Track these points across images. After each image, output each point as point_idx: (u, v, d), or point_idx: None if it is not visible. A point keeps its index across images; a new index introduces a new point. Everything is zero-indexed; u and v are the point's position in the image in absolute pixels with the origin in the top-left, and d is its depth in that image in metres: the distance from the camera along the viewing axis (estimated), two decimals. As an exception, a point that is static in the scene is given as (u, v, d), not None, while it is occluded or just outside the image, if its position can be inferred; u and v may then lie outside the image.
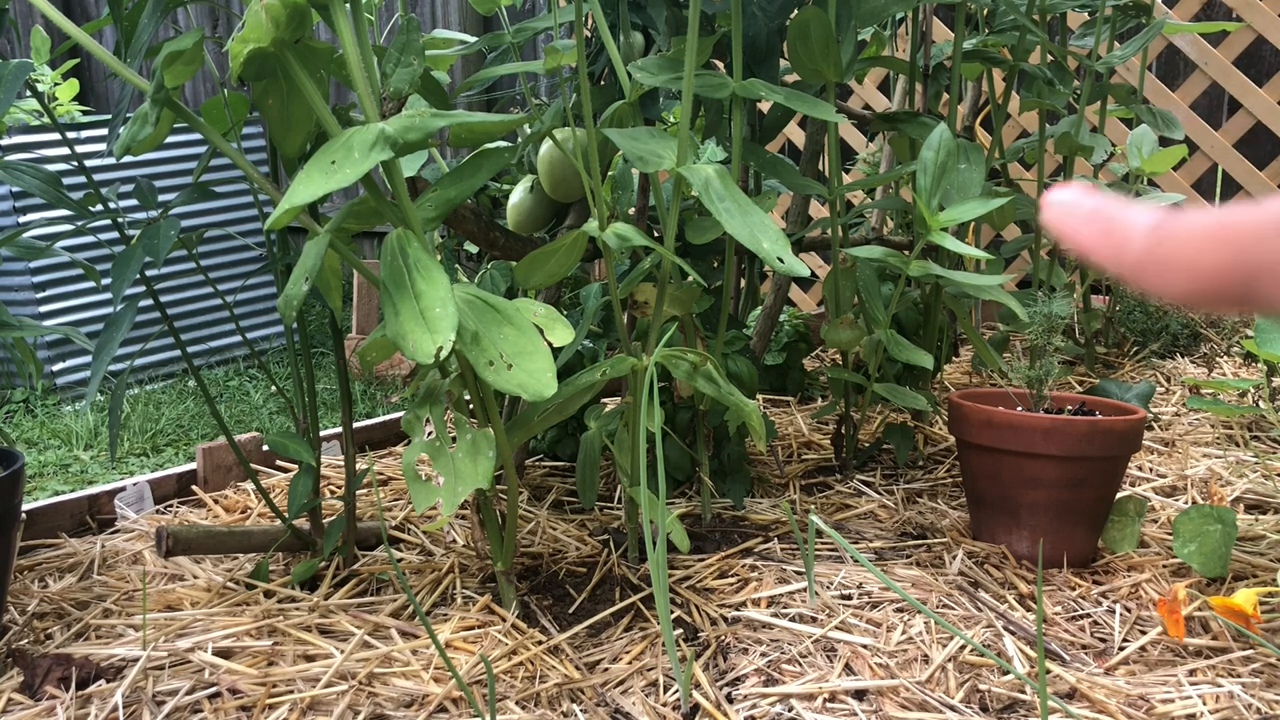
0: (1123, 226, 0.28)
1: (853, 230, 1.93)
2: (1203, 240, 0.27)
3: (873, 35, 1.96)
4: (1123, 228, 0.28)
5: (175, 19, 2.59)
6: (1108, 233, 0.29)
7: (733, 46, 1.20)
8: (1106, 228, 0.29)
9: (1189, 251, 0.27)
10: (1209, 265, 0.26)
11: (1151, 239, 0.28)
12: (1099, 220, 0.29)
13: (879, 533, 1.43)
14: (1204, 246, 0.26)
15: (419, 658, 1.09)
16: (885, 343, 1.47)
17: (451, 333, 0.90)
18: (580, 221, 1.45)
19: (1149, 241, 0.28)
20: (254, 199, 1.34)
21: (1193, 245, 0.27)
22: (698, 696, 1.02)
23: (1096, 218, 0.29)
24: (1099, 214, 0.29)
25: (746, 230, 1.05)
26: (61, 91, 3.03)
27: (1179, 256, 0.27)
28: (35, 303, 2.97)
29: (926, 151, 1.36)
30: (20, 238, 1.20)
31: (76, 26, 1.08)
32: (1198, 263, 0.26)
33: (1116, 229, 0.29)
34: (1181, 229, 0.27)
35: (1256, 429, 1.84)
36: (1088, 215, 0.29)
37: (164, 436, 2.55)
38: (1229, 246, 0.26)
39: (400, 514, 1.52)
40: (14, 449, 1.16)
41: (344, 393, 1.28)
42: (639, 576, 1.29)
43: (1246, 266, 0.25)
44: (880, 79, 3.05)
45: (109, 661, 1.10)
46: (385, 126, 0.91)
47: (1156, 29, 1.86)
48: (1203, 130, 2.67)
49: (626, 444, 1.23)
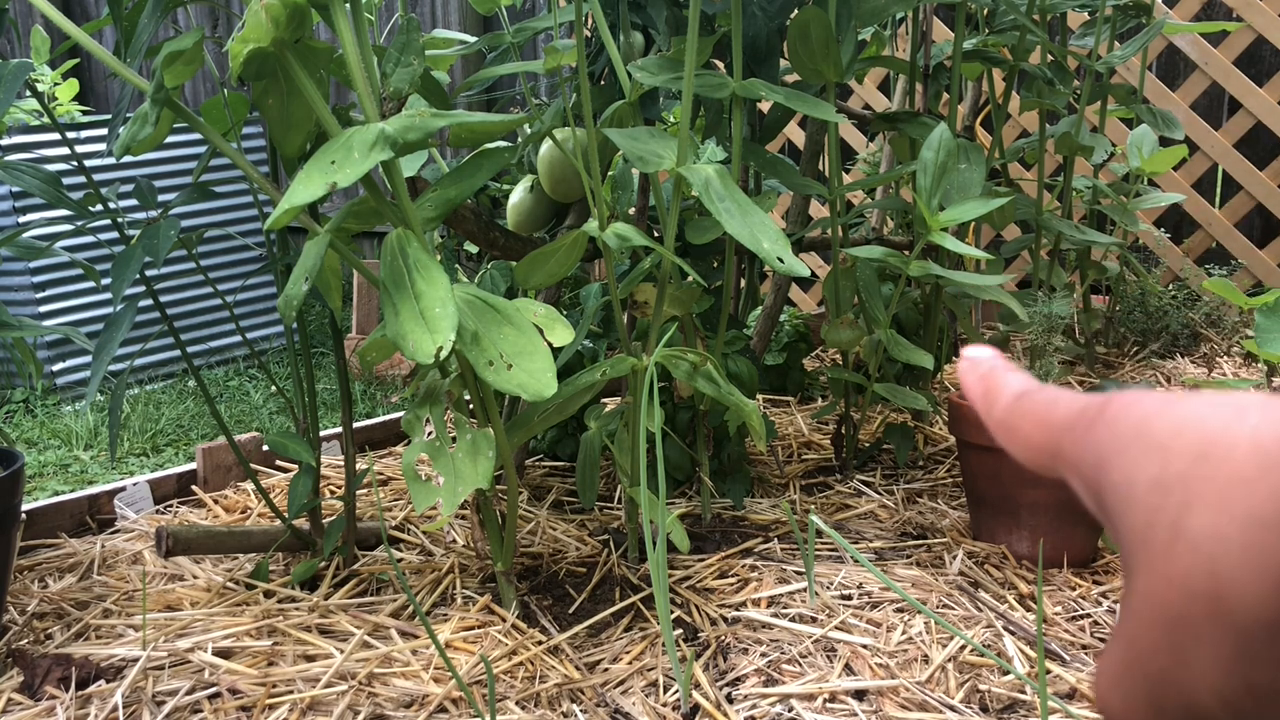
0: (996, 389, 0.33)
1: (853, 230, 1.93)
2: (1035, 418, 0.31)
3: (873, 35, 1.96)
4: (996, 390, 0.33)
5: (175, 19, 2.59)
6: (986, 392, 0.33)
7: (733, 46, 1.20)
8: (987, 387, 0.33)
9: (1026, 424, 0.31)
10: (1036, 440, 0.31)
11: (1010, 406, 0.32)
12: (985, 380, 0.34)
13: (879, 533, 1.43)
14: (1035, 423, 0.31)
15: (419, 658, 1.09)
16: (885, 343, 1.47)
17: (451, 333, 0.90)
18: (580, 221, 1.45)
19: (1007, 406, 0.32)
20: (254, 199, 1.34)
21: (1029, 420, 0.31)
22: (698, 696, 1.02)
23: (985, 378, 0.34)
24: (988, 375, 0.34)
25: (746, 230, 1.05)
26: (61, 91, 3.03)
27: (1020, 428, 0.31)
28: (35, 303, 2.97)
29: (926, 151, 1.36)
30: (20, 238, 1.20)
31: (76, 26, 1.08)
32: (1030, 435, 0.31)
33: (992, 390, 0.33)
34: (1028, 404, 0.31)
35: (1256, 429, 1.84)
36: (981, 374, 0.34)
37: (164, 436, 2.55)
38: (1048, 428, 0.30)
39: (400, 514, 1.52)
40: (14, 449, 1.16)
41: (344, 393, 1.28)
42: (639, 576, 1.29)
43: (1053, 446, 0.30)
44: (880, 79, 3.05)
45: (109, 661, 1.10)
46: (385, 126, 0.91)
47: (1156, 29, 1.86)
48: (1203, 130, 2.67)
49: (626, 444, 1.23)
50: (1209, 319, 2.36)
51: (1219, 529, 0.24)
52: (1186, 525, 0.24)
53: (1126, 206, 2.12)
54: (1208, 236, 2.70)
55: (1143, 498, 0.26)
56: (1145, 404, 0.27)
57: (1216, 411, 0.25)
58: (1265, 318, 1.49)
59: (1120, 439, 0.27)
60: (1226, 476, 0.24)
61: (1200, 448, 0.25)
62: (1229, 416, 0.25)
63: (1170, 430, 0.26)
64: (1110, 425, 0.28)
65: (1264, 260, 2.64)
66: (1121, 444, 0.27)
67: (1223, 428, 0.25)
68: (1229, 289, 1.70)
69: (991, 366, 0.34)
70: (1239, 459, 0.24)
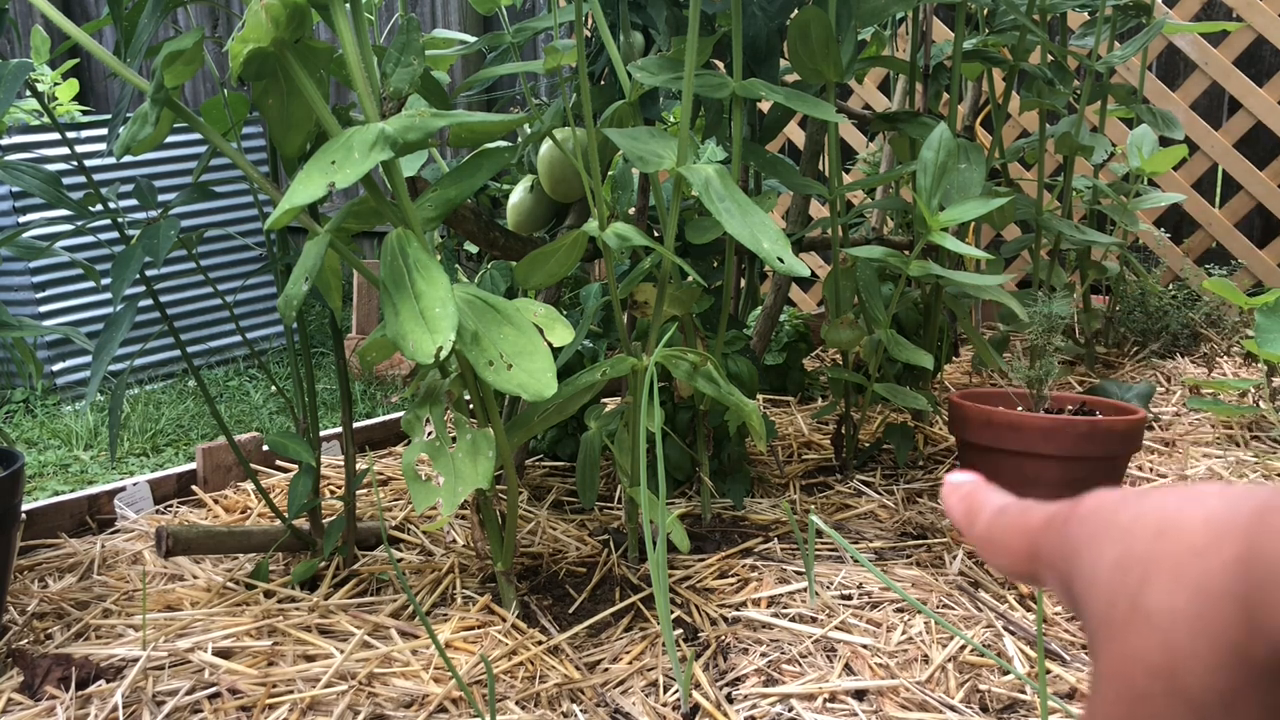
0: (978, 508, 0.34)
1: (853, 230, 1.93)
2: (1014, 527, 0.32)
3: (873, 35, 1.96)
4: (977, 508, 0.34)
5: (175, 19, 2.59)
6: (968, 511, 0.35)
7: (733, 46, 1.20)
8: (969, 506, 0.35)
9: (1006, 535, 0.32)
10: (1016, 547, 0.32)
11: (991, 521, 0.33)
12: (967, 500, 0.35)
13: (879, 533, 1.43)
14: (1014, 532, 0.32)
15: (419, 658, 1.09)
16: (885, 343, 1.47)
17: (451, 333, 0.90)
18: (580, 221, 1.45)
19: (989, 521, 0.33)
20: (254, 199, 1.34)
21: (1009, 530, 0.32)
22: (698, 696, 1.02)
23: (966, 497, 0.35)
24: (969, 495, 0.35)
25: (747, 230, 1.05)
26: (61, 91, 3.03)
27: (1001, 539, 0.32)
28: (35, 303, 2.97)
29: (927, 151, 1.36)
30: (20, 238, 1.20)
31: (76, 26, 1.08)
32: (1010, 544, 0.32)
33: (973, 509, 0.34)
34: (1007, 517, 0.33)
35: (1256, 429, 1.84)
36: (963, 494, 0.36)
37: (164, 436, 2.55)
38: (1026, 534, 0.31)
39: (400, 514, 1.52)
40: (14, 449, 1.16)
41: (344, 393, 1.28)
42: (639, 576, 1.29)
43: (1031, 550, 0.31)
44: (880, 79, 3.05)
45: (109, 661, 1.10)
46: (385, 126, 0.91)
47: (1156, 29, 1.86)
48: (1203, 130, 2.67)
49: (626, 444, 1.23)
50: (1209, 319, 2.36)
51: (1172, 603, 0.24)
52: (1144, 601, 0.25)
53: (1126, 206, 2.12)
54: (1208, 236, 2.70)
55: (1106, 578, 0.26)
56: (1113, 497, 0.28)
57: (1177, 496, 0.26)
58: (1265, 318, 1.49)
59: (1089, 530, 0.28)
60: (1180, 550, 0.25)
61: (1159, 526, 0.26)
62: (1188, 499, 0.26)
63: (1133, 515, 0.27)
64: (1081, 520, 0.29)
65: (1264, 260, 2.64)
66: (1090, 534, 0.28)
67: (1180, 508, 0.26)
68: (1229, 289, 1.70)
69: (973, 488, 0.36)
70: (1193, 534, 0.25)
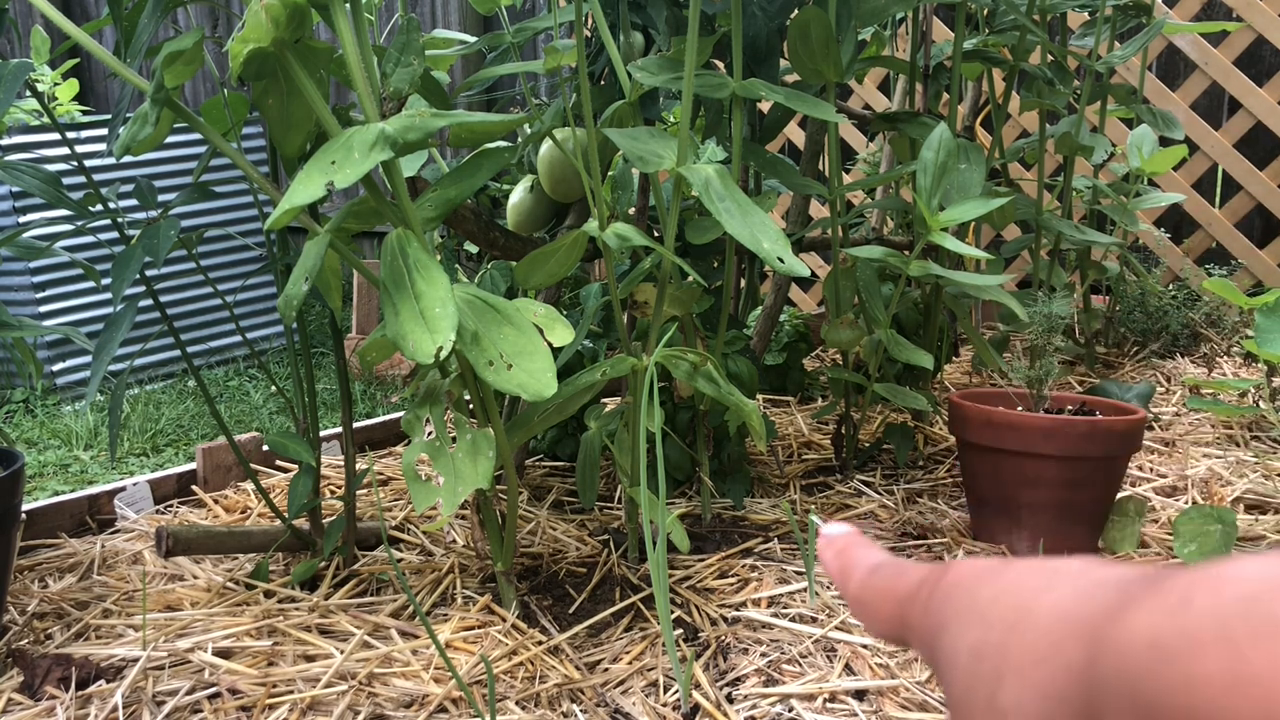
0: (851, 566, 0.34)
1: (853, 230, 1.93)
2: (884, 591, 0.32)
3: (873, 35, 1.96)
4: (850, 567, 0.34)
5: (175, 19, 2.59)
6: (842, 569, 0.34)
7: (733, 46, 1.20)
8: (843, 563, 0.34)
9: (876, 599, 0.32)
10: (885, 613, 0.31)
11: (863, 581, 0.33)
12: (841, 557, 0.34)
13: (879, 533, 1.43)
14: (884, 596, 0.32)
15: (419, 658, 1.09)
16: (885, 343, 1.47)
17: (451, 333, 0.90)
18: (580, 221, 1.45)
19: (860, 582, 0.33)
20: (254, 199, 1.34)
21: (879, 594, 0.32)
22: (698, 696, 1.02)
23: (840, 554, 0.34)
24: (843, 552, 0.35)
25: (747, 230, 1.05)
26: (61, 91, 3.03)
27: (871, 602, 0.32)
28: (35, 303, 2.97)
29: (927, 151, 1.36)
30: (20, 238, 1.20)
31: (76, 26, 1.08)
32: (879, 609, 0.32)
33: (847, 567, 0.34)
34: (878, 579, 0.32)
35: (1257, 429, 1.84)
36: (837, 550, 0.35)
37: (164, 436, 2.55)
38: (895, 601, 0.31)
39: (400, 514, 1.52)
40: (14, 449, 1.16)
41: (344, 393, 1.28)
42: (639, 576, 1.29)
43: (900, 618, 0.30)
44: (880, 79, 3.05)
45: (109, 661, 1.10)
46: (385, 126, 0.91)
47: (1156, 29, 1.86)
48: (1203, 130, 2.67)
49: (626, 444, 1.23)
50: (1209, 319, 2.36)
51: (1021, 703, 0.24)
52: (997, 698, 0.25)
53: (1126, 206, 2.12)
54: (1208, 236, 2.70)
55: (964, 664, 0.26)
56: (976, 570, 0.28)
57: (1032, 579, 0.26)
58: (1265, 318, 1.49)
59: (951, 608, 0.28)
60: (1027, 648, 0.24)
61: (1012, 617, 0.25)
62: (1040, 585, 0.25)
63: (991, 597, 0.27)
64: (945, 594, 0.28)
65: (1264, 260, 2.64)
66: (952, 612, 0.28)
67: (1033, 597, 0.25)
68: (1229, 289, 1.70)
69: (846, 543, 0.35)
70: (1040, 631, 0.24)
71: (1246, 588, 0.20)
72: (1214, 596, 0.20)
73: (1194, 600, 0.21)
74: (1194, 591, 0.21)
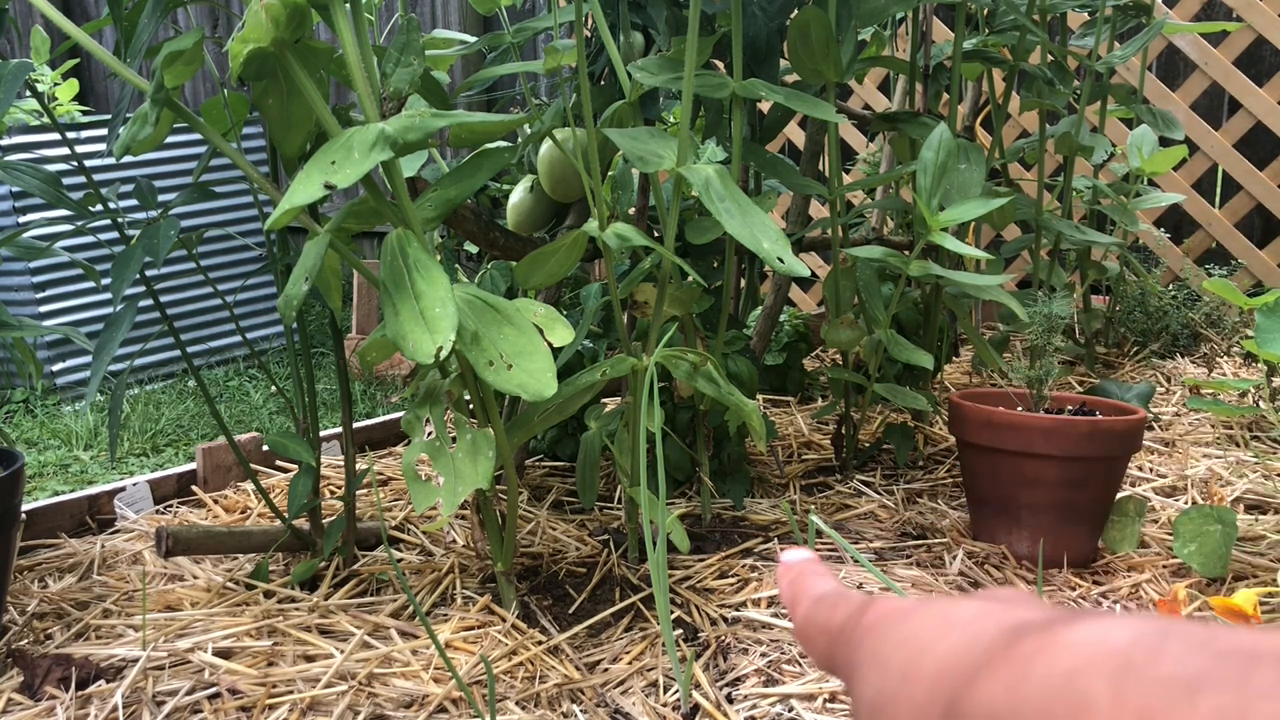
0: (799, 595, 0.34)
1: (853, 230, 1.93)
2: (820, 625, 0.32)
3: (873, 35, 1.96)
4: (800, 594, 0.34)
5: (175, 19, 2.58)
6: (792, 597, 0.34)
7: (733, 46, 1.20)
8: (794, 592, 0.34)
9: (814, 631, 0.32)
10: (820, 646, 0.32)
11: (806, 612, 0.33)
12: (793, 585, 0.35)
13: (879, 533, 1.43)
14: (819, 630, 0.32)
15: (419, 658, 1.09)
16: (885, 343, 1.47)
17: (451, 333, 0.90)
18: (580, 221, 1.45)
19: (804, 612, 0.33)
20: (254, 199, 1.34)
21: (816, 626, 0.32)
22: (698, 696, 1.02)
23: (793, 582, 0.35)
24: (795, 580, 0.35)
25: (747, 230, 1.05)
26: (61, 91, 3.03)
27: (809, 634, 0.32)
28: (35, 303, 2.97)
29: (926, 151, 1.36)
30: (20, 238, 1.20)
31: (76, 26, 1.07)
32: (815, 641, 0.32)
33: (797, 594, 0.34)
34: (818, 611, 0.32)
35: (1257, 429, 1.84)
36: (790, 579, 0.35)
37: (164, 436, 2.55)
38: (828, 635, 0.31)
39: (400, 514, 1.52)
40: (14, 449, 1.16)
41: (344, 393, 1.28)
42: (639, 576, 1.29)
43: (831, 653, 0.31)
44: (880, 79, 3.05)
45: (109, 661, 1.10)
46: (385, 126, 0.91)
47: (1156, 29, 1.86)
48: (1203, 130, 2.67)
49: (626, 444, 1.23)
50: (1209, 319, 2.36)
51: None
52: None
53: (1126, 206, 2.12)
54: (1208, 236, 2.70)
55: (865, 713, 0.27)
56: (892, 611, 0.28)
57: (930, 628, 0.26)
58: (1265, 318, 1.49)
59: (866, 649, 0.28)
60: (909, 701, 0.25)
61: (905, 668, 0.26)
62: (936, 634, 0.26)
63: (896, 643, 0.27)
64: (862, 635, 0.29)
65: (1264, 260, 2.64)
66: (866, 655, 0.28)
67: (929, 646, 0.25)
68: (1229, 289, 1.70)
69: (800, 571, 0.35)
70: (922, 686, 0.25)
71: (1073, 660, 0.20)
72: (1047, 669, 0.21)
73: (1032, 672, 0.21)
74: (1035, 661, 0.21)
